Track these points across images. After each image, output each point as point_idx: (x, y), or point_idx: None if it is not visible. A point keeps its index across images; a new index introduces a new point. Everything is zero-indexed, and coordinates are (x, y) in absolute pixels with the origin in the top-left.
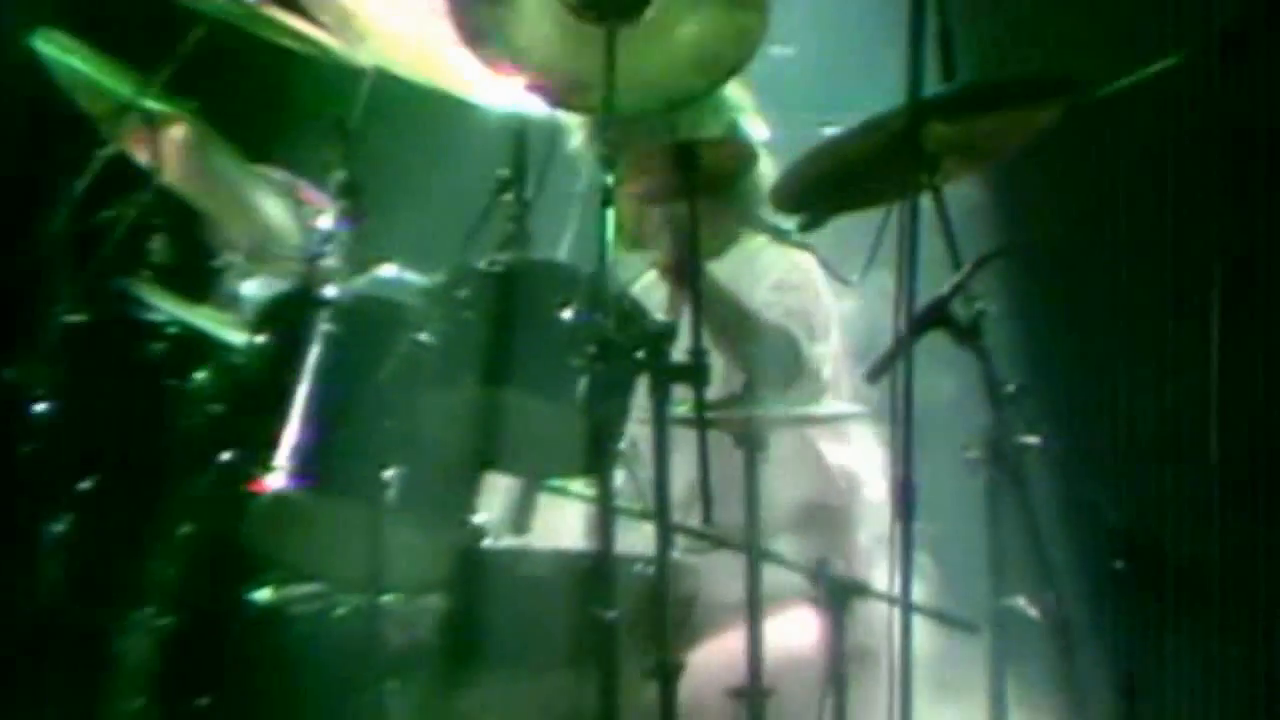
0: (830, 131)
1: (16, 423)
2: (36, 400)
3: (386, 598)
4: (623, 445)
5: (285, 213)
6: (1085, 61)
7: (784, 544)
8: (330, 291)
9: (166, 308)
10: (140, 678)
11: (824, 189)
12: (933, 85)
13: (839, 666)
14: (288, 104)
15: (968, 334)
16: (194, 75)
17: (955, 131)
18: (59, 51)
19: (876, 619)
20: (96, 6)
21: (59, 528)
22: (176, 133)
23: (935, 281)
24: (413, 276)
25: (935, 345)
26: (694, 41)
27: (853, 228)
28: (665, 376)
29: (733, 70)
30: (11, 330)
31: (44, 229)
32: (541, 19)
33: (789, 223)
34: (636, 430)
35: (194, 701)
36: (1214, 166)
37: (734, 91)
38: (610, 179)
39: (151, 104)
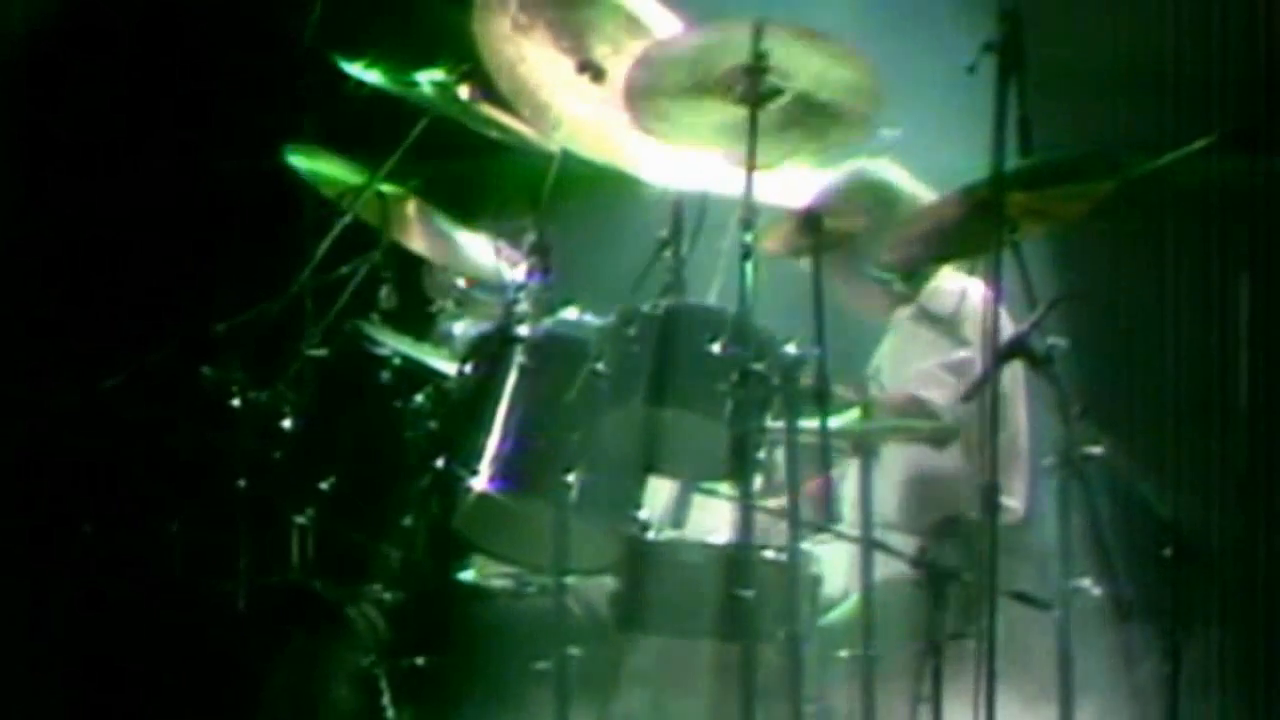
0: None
1: (270, 435)
2: (285, 418)
3: (569, 578)
4: (760, 455)
5: (489, 259)
6: (1133, 140)
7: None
8: (524, 330)
9: (392, 344)
10: (369, 640)
11: (924, 244)
12: (1013, 161)
13: (936, 636)
14: (492, 180)
15: (1043, 363)
16: (420, 155)
17: (1031, 198)
18: (306, 161)
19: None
20: (347, 105)
21: (303, 518)
22: (402, 204)
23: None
24: (590, 318)
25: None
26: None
27: None
28: (795, 399)
29: (850, 149)
30: (267, 362)
31: (293, 282)
32: (700, 106)
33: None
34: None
35: (412, 661)
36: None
37: None
38: (749, 237)
39: (382, 186)
